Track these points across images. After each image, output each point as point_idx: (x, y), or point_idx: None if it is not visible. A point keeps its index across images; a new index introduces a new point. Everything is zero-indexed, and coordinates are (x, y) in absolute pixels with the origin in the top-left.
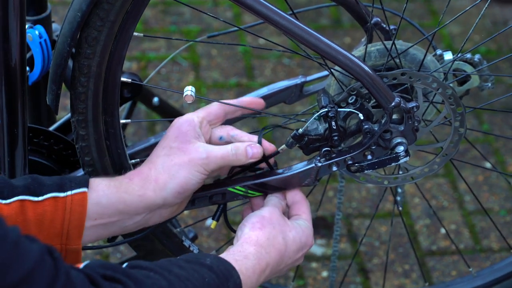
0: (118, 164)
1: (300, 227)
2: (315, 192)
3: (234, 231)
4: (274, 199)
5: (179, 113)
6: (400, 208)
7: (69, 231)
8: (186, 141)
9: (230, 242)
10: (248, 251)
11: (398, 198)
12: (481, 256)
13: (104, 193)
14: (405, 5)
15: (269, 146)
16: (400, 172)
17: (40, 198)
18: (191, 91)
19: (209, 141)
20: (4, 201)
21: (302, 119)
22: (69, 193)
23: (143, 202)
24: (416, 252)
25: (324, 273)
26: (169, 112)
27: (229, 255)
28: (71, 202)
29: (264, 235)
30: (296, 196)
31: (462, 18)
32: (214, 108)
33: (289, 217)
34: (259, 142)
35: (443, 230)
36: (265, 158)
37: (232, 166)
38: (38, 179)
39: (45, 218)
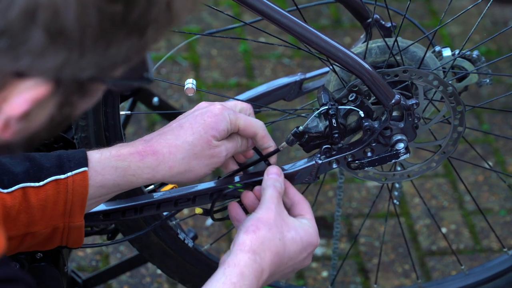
0: None
1: (301, 226)
2: (315, 192)
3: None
4: (270, 188)
5: (179, 113)
6: (396, 202)
7: (72, 210)
8: (216, 138)
9: (230, 242)
10: (243, 263)
11: (396, 193)
12: (481, 256)
13: (111, 177)
14: (408, 3)
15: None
16: (398, 169)
17: (41, 183)
18: (192, 83)
19: None
20: (5, 190)
21: (303, 115)
22: (69, 174)
23: (149, 180)
24: (416, 252)
25: (324, 273)
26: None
27: (226, 275)
28: (72, 183)
29: (258, 238)
30: (295, 197)
31: (462, 18)
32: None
33: None
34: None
35: (443, 230)
36: (264, 156)
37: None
38: (36, 161)
39: (48, 202)
